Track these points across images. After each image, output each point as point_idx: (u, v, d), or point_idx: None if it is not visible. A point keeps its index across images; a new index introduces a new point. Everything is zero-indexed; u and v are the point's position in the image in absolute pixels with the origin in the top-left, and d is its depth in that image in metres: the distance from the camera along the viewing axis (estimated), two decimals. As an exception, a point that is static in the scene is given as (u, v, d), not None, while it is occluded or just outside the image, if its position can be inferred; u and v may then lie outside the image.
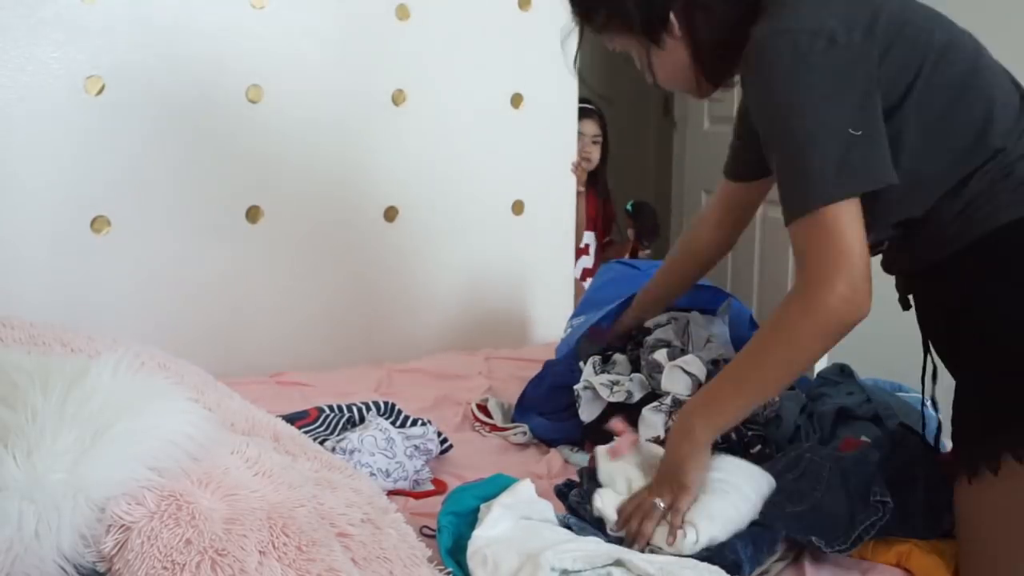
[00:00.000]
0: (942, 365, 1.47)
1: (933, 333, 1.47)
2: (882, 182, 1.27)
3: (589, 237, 3.25)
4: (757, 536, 1.35)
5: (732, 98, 3.15)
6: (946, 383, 1.46)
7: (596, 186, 3.31)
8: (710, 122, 3.35)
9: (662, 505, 1.36)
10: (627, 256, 3.21)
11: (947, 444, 1.53)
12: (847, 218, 1.25)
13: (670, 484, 1.38)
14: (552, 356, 2.25)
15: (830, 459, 1.47)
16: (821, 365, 2.53)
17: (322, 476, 1.27)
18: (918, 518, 1.41)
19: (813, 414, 1.72)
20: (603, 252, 3.36)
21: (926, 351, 1.51)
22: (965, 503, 1.35)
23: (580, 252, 3.16)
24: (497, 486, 1.39)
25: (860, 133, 1.25)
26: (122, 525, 1.00)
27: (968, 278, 1.34)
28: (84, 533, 0.99)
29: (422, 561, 1.21)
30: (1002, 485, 1.29)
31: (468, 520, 1.35)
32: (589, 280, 3.14)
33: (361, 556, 1.11)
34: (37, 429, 0.99)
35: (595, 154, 3.28)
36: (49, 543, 0.97)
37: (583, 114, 3.13)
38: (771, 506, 1.40)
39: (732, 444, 1.63)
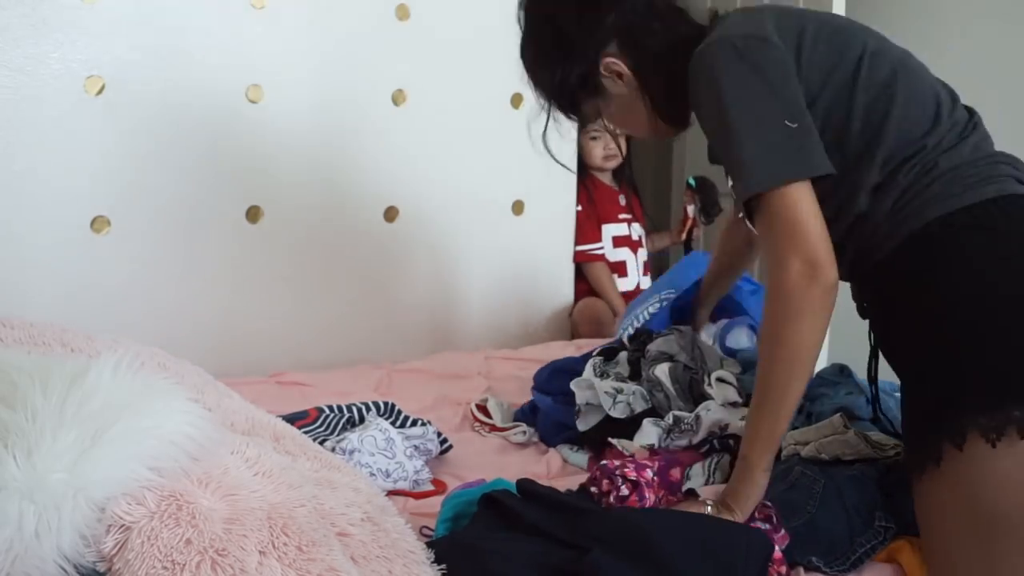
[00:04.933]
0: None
1: (880, 334, 1.50)
2: (821, 169, 1.33)
3: (638, 229, 3.14)
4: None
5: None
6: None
7: (625, 178, 3.19)
8: (710, 122, 3.34)
9: None
10: (683, 235, 3.07)
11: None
12: (795, 197, 1.30)
13: (727, 510, 1.39)
14: (544, 358, 2.25)
15: (823, 474, 1.46)
16: (821, 364, 2.53)
17: (322, 476, 1.27)
18: (912, 515, 1.41)
19: (812, 415, 1.72)
20: (651, 243, 3.23)
21: (873, 355, 1.57)
22: (920, 501, 1.34)
23: (635, 245, 3.09)
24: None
25: (796, 125, 1.33)
26: (122, 525, 1.00)
27: (900, 277, 1.38)
28: (84, 533, 0.99)
29: (422, 560, 1.21)
30: (946, 476, 1.28)
31: (462, 525, 1.35)
32: (648, 276, 3.13)
33: (361, 555, 1.11)
34: (37, 429, 0.99)
35: (621, 146, 3.07)
36: (49, 543, 0.97)
37: None
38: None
39: (729, 449, 1.63)
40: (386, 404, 1.87)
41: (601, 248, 3.02)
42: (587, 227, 3.01)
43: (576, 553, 1.24)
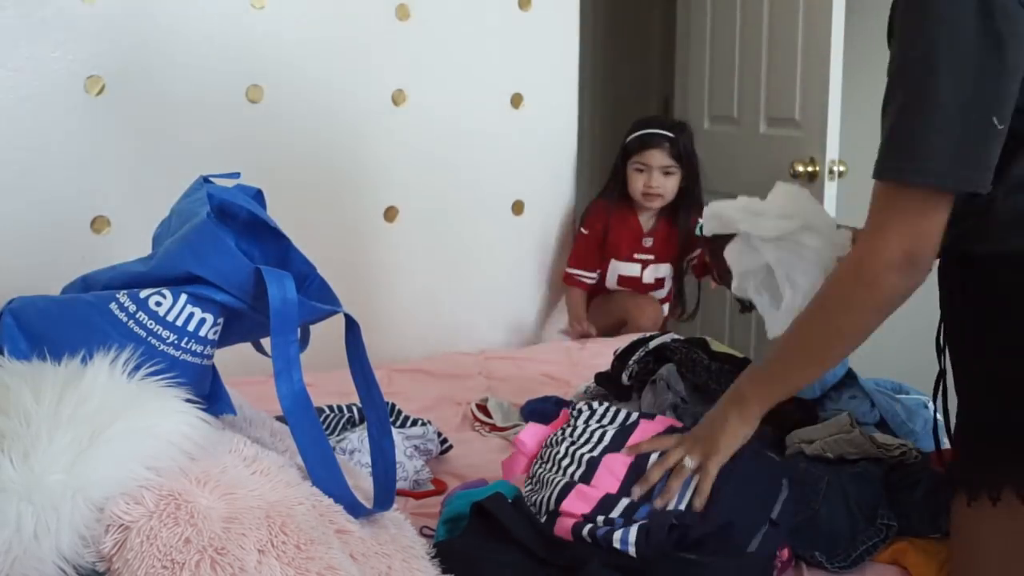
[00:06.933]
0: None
1: (953, 328, 1.34)
2: (982, 188, 1.15)
3: (660, 272, 2.90)
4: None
5: (732, 98, 3.15)
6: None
7: (675, 217, 2.87)
8: (710, 122, 3.35)
9: (691, 465, 1.32)
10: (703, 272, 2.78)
11: (945, 442, 1.51)
12: (939, 204, 1.15)
13: (704, 444, 1.33)
14: (544, 357, 2.22)
15: (827, 471, 1.46)
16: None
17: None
18: (916, 517, 1.41)
19: (817, 419, 1.71)
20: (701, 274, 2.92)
21: (940, 349, 1.38)
22: (960, 522, 1.31)
23: (644, 288, 2.89)
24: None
25: (1002, 128, 1.12)
26: (121, 525, 1.00)
27: (1000, 288, 1.23)
28: (83, 533, 0.99)
29: (421, 555, 1.21)
30: (1000, 514, 1.24)
31: (462, 526, 1.36)
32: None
33: (360, 552, 1.11)
34: (32, 432, 0.99)
35: (668, 185, 2.79)
36: (48, 544, 0.97)
37: (647, 142, 2.78)
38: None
39: None
40: (386, 404, 1.87)
41: (592, 279, 2.88)
42: (585, 254, 2.86)
43: (563, 572, 1.25)
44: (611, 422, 1.47)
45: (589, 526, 1.30)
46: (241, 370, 2.32)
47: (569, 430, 1.46)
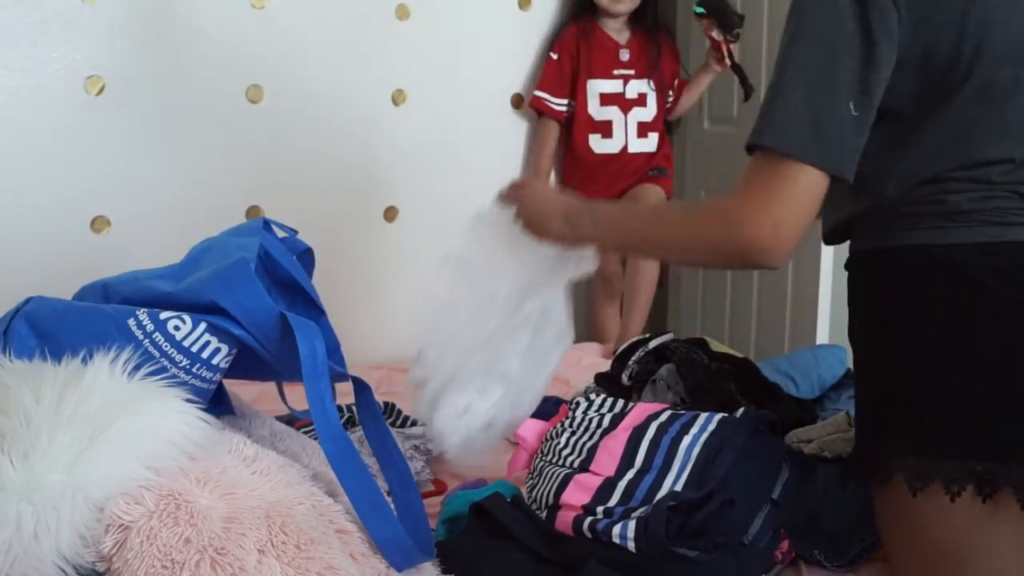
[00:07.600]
0: None
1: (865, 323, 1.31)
2: (839, 170, 1.14)
3: (641, 87, 2.77)
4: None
5: (732, 98, 3.15)
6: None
7: (644, 32, 2.77)
8: (710, 122, 3.34)
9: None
10: (724, 61, 2.61)
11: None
12: (802, 176, 1.12)
13: (527, 214, 1.53)
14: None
15: (826, 471, 1.46)
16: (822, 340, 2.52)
17: (321, 473, 1.27)
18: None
19: (816, 419, 1.71)
20: (692, 90, 2.88)
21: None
22: (883, 508, 1.26)
23: (628, 104, 2.74)
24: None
25: (857, 115, 1.12)
26: (121, 524, 1.00)
27: (912, 281, 1.21)
28: (83, 533, 0.99)
29: (421, 554, 1.21)
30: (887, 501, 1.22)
31: (461, 526, 1.36)
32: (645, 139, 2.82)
33: (360, 552, 1.11)
34: (32, 432, 0.99)
35: None
36: (48, 544, 0.97)
37: None
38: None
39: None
40: (386, 404, 1.87)
41: (562, 106, 2.74)
42: (557, 78, 2.71)
43: (563, 570, 1.26)
44: (609, 409, 1.48)
45: (590, 519, 1.30)
46: (241, 370, 2.33)
47: (568, 422, 1.47)
